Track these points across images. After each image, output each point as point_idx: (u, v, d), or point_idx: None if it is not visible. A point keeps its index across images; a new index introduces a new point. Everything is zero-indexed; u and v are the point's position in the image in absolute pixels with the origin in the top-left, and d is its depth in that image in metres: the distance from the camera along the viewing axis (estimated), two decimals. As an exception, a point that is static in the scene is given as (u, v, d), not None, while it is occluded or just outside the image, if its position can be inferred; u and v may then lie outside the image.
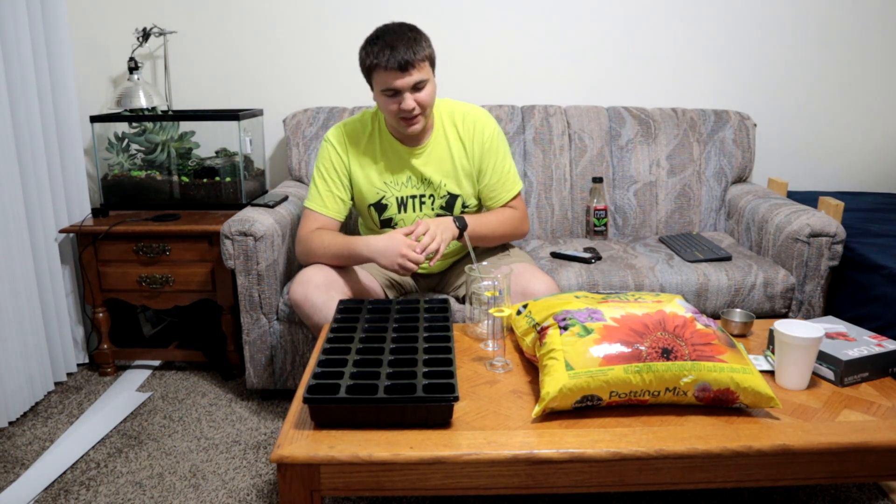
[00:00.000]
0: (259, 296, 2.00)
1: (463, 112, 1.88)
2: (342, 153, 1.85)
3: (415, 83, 1.68)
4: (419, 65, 1.67)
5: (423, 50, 1.69)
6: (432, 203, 1.88)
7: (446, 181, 1.86)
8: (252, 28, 2.63)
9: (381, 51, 1.65)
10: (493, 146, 1.87)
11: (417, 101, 1.71)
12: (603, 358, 1.23)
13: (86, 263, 2.29)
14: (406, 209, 1.89)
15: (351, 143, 1.86)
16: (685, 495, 1.65)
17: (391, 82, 1.67)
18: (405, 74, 1.66)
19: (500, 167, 1.88)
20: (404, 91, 1.69)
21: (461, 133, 1.86)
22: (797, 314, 2.04)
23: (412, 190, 1.87)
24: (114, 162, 2.49)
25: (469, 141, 1.86)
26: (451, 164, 1.86)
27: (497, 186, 1.89)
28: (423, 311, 1.59)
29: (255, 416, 2.08)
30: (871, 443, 1.17)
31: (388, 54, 1.64)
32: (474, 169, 1.87)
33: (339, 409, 1.19)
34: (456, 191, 1.88)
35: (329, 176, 1.85)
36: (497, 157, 1.88)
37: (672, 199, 2.48)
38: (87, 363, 2.45)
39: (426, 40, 1.72)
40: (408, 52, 1.65)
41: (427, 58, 1.71)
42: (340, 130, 1.87)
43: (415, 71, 1.67)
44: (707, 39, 2.64)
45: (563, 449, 1.14)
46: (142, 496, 1.69)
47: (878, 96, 2.71)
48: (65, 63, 2.26)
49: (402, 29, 1.70)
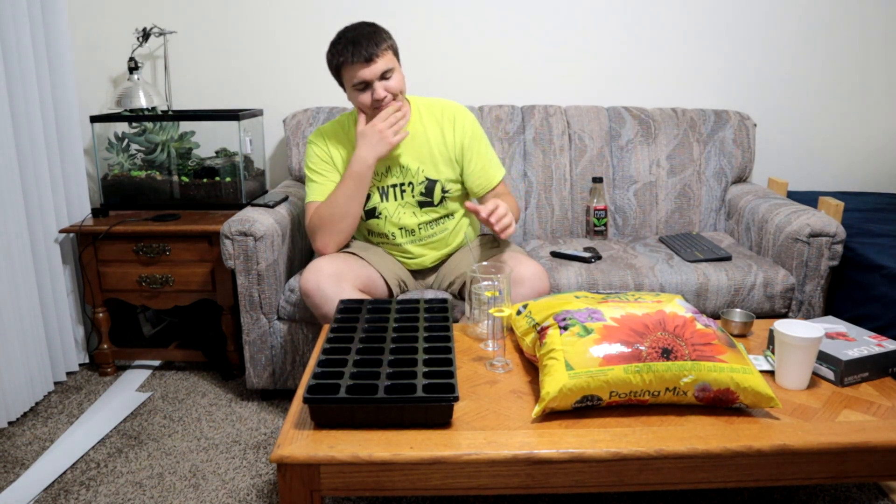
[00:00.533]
0: (259, 296, 2.00)
1: (441, 104, 1.97)
2: (325, 147, 1.93)
3: (381, 72, 1.78)
4: (382, 54, 1.77)
5: (385, 41, 1.79)
6: (412, 190, 1.93)
7: (423, 167, 1.92)
8: (252, 28, 2.63)
9: (345, 48, 1.76)
10: (476, 134, 1.95)
11: (387, 89, 1.80)
12: (603, 358, 1.23)
13: (86, 263, 2.29)
14: (388, 198, 1.94)
15: (331, 139, 1.94)
16: (685, 495, 1.65)
17: (359, 75, 1.77)
18: (370, 64, 1.76)
19: (483, 153, 1.96)
20: (373, 81, 1.78)
21: (441, 122, 1.93)
22: (797, 314, 2.04)
23: (392, 179, 1.93)
24: (114, 162, 2.49)
25: (450, 130, 1.93)
26: (427, 150, 1.92)
27: (482, 173, 1.95)
28: (423, 310, 1.59)
29: (255, 416, 2.08)
30: (871, 443, 1.17)
31: (351, 49, 1.75)
32: (454, 155, 1.93)
33: (339, 409, 1.19)
34: (434, 176, 1.92)
35: (321, 169, 1.92)
36: (480, 145, 1.96)
37: (672, 199, 2.48)
38: (87, 363, 2.45)
39: (386, 32, 1.83)
40: (370, 44, 1.75)
41: (389, 48, 1.81)
42: (319, 131, 1.98)
43: (379, 59, 1.76)
44: (707, 39, 2.64)
45: (563, 449, 1.14)
46: (142, 496, 1.69)
47: (879, 96, 2.71)
48: (65, 63, 2.26)
49: (361, 26, 1.81)
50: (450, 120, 1.93)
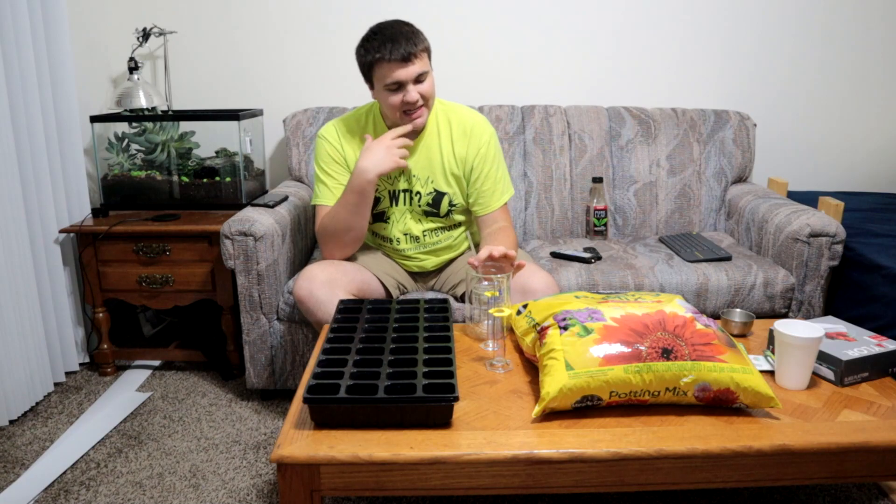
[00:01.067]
0: (259, 296, 2.00)
1: (462, 117, 1.89)
2: (337, 146, 1.87)
3: (417, 74, 1.71)
4: (420, 55, 1.71)
5: (422, 42, 1.73)
6: (419, 199, 1.89)
7: (433, 178, 1.88)
8: (252, 28, 2.63)
9: (382, 44, 1.68)
10: (489, 154, 1.87)
11: (420, 93, 1.73)
12: (603, 358, 1.23)
13: (86, 263, 2.29)
14: (397, 202, 1.90)
15: (345, 137, 1.88)
16: (685, 495, 1.65)
17: (394, 75, 1.69)
18: (408, 65, 1.69)
19: (492, 175, 1.88)
20: (408, 83, 1.71)
21: (455, 135, 1.87)
22: (797, 314, 2.04)
23: (403, 184, 1.89)
24: (114, 162, 2.49)
25: (463, 145, 1.86)
26: (439, 163, 1.87)
27: (486, 194, 1.88)
28: (423, 310, 1.59)
29: (255, 416, 2.08)
30: (871, 443, 1.17)
31: (389, 47, 1.67)
32: (462, 172, 1.88)
33: (339, 409, 1.19)
34: (443, 188, 1.88)
35: (330, 169, 1.87)
36: (491, 166, 1.87)
37: (672, 199, 2.48)
38: (87, 363, 2.45)
39: (422, 34, 1.76)
40: (408, 43, 1.68)
41: (426, 49, 1.75)
42: (334, 126, 1.90)
43: (417, 61, 1.70)
44: (707, 39, 2.64)
45: (563, 449, 1.14)
46: (142, 496, 1.69)
47: (879, 96, 2.71)
48: (65, 63, 2.26)
49: (398, 24, 1.73)
50: (466, 135, 1.86)
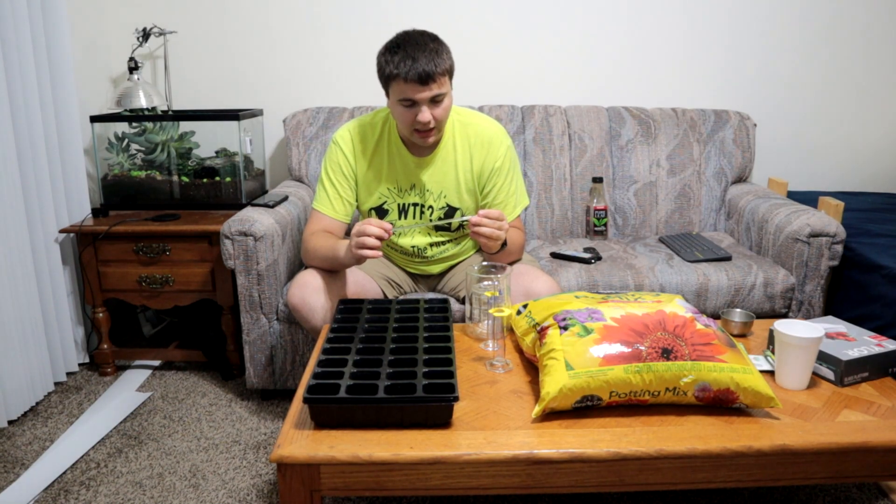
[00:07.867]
0: (259, 296, 2.00)
1: (478, 127, 1.84)
2: (349, 156, 1.83)
3: (433, 96, 1.64)
4: (439, 79, 1.62)
5: (445, 63, 1.64)
6: (430, 213, 1.86)
7: (446, 192, 1.84)
8: (252, 28, 2.63)
9: (403, 61, 1.60)
10: (504, 167, 1.83)
11: (433, 116, 1.66)
12: (603, 358, 1.23)
13: (86, 263, 2.29)
14: (406, 216, 1.87)
15: (358, 145, 1.83)
16: (685, 495, 1.65)
17: (409, 94, 1.63)
18: (425, 88, 1.61)
19: (505, 188, 1.84)
20: (422, 104, 1.64)
21: (471, 148, 1.82)
22: (797, 314, 2.04)
23: (414, 198, 1.85)
24: (114, 162, 2.49)
25: (479, 159, 1.82)
26: (454, 179, 1.83)
27: (499, 206, 1.84)
28: (423, 311, 1.59)
29: (255, 416, 2.08)
30: (871, 443, 1.17)
31: (409, 65, 1.59)
32: (477, 186, 1.85)
33: (339, 409, 1.19)
34: (456, 204, 1.86)
35: (336, 178, 1.83)
36: (505, 179, 1.84)
37: (672, 199, 2.48)
38: (87, 363, 2.45)
39: (447, 52, 1.67)
40: (429, 64, 1.59)
41: (447, 71, 1.66)
42: (349, 132, 1.84)
43: (434, 84, 1.62)
44: (707, 39, 2.64)
45: (563, 449, 1.14)
46: (142, 496, 1.69)
47: (879, 96, 2.71)
48: (65, 63, 2.26)
49: (423, 39, 1.64)
50: (483, 146, 1.81)
